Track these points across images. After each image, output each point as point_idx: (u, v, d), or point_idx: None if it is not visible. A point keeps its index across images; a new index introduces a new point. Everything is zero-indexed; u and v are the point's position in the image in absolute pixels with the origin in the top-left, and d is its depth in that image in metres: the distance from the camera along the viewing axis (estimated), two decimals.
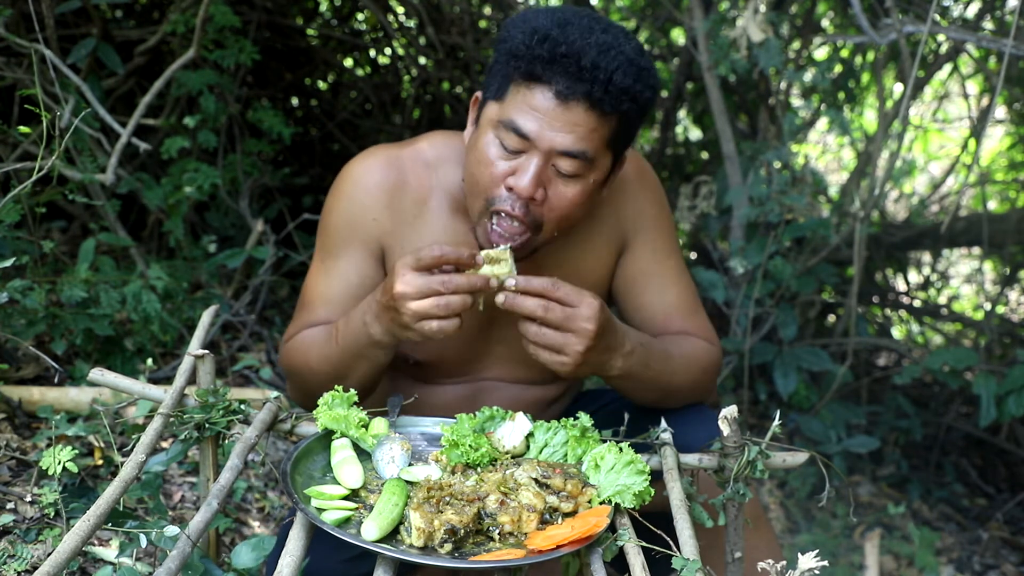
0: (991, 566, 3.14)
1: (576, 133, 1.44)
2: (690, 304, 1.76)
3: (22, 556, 1.63)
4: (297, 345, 1.68)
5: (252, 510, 2.24)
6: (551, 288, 1.43)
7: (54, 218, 3.07)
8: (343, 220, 1.68)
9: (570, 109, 1.43)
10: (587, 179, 1.50)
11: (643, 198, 1.75)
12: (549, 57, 1.42)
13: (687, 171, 4.39)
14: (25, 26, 2.54)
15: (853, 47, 3.75)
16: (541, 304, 1.42)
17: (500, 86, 1.49)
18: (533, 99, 1.44)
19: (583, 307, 1.43)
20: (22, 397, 2.20)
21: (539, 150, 1.46)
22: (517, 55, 1.45)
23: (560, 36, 1.42)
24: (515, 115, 1.46)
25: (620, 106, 1.45)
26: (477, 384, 1.78)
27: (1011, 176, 4.48)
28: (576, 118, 1.44)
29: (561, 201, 1.50)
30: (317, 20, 4.04)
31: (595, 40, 1.42)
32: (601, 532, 1.27)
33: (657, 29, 4.19)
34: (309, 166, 3.93)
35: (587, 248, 1.72)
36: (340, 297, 1.68)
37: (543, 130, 1.44)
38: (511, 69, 1.47)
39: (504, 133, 1.47)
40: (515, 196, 1.48)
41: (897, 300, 4.44)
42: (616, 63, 1.42)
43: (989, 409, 2.86)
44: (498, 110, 1.49)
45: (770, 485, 3.24)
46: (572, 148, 1.45)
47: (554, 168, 1.48)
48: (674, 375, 1.64)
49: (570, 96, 1.42)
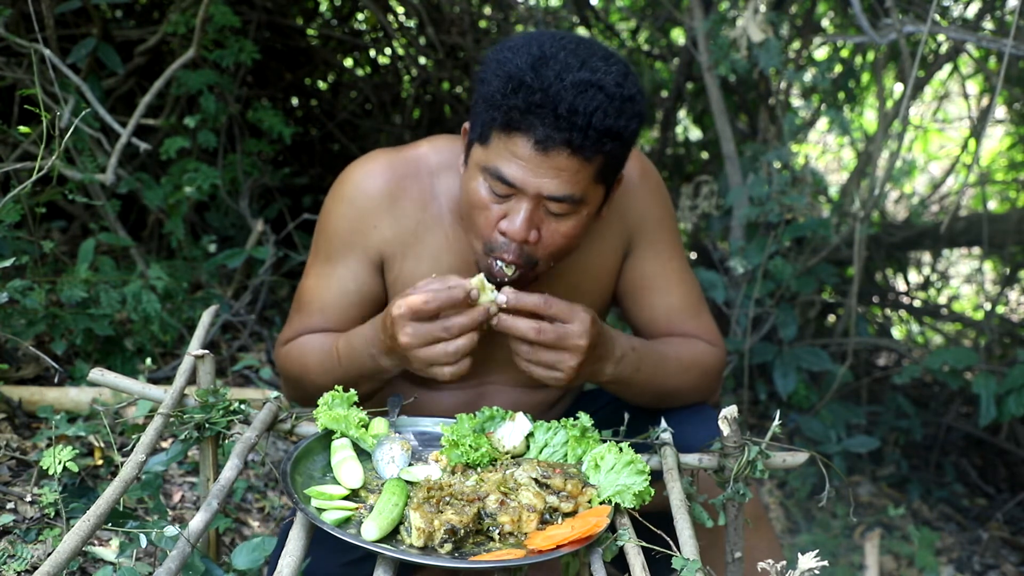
0: (991, 566, 3.14)
1: (560, 178, 1.42)
2: (694, 305, 1.76)
3: (22, 556, 1.63)
4: (295, 352, 1.68)
5: (252, 510, 2.24)
6: (543, 306, 1.41)
7: (54, 218, 3.07)
8: (343, 226, 1.66)
9: (551, 156, 1.40)
10: (580, 214, 1.49)
11: (647, 200, 1.74)
12: (525, 107, 1.38)
13: (687, 171, 4.40)
14: (25, 26, 2.54)
15: (853, 47, 3.75)
16: (533, 327, 1.41)
17: (483, 132, 1.47)
18: (515, 147, 1.42)
19: (575, 324, 1.42)
20: (22, 397, 2.20)
21: (527, 195, 1.44)
22: (494, 105, 1.42)
23: (535, 82, 1.38)
24: (499, 163, 1.44)
25: (603, 148, 1.42)
26: (479, 388, 1.77)
27: (1011, 176, 4.48)
28: (559, 164, 1.41)
29: (555, 237, 1.49)
30: (317, 20, 4.04)
31: (571, 81, 1.37)
32: (601, 532, 1.27)
33: (657, 29, 4.19)
34: (309, 166, 3.93)
35: (593, 251, 1.71)
36: (337, 304, 1.67)
37: (527, 177, 1.42)
38: (491, 118, 1.44)
39: (491, 180, 1.46)
40: (509, 240, 1.47)
41: (897, 300, 4.44)
42: (595, 104, 1.38)
43: (989, 408, 2.85)
44: (483, 155, 1.47)
45: (770, 485, 3.24)
46: (558, 193, 1.43)
47: (545, 208, 1.47)
48: (669, 377, 1.63)
49: (550, 145, 1.39)
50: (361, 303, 1.68)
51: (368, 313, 1.68)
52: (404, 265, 1.65)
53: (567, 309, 1.42)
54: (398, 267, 1.66)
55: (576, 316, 1.42)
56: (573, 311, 1.42)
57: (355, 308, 1.68)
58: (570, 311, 1.42)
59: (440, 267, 1.65)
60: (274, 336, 3.13)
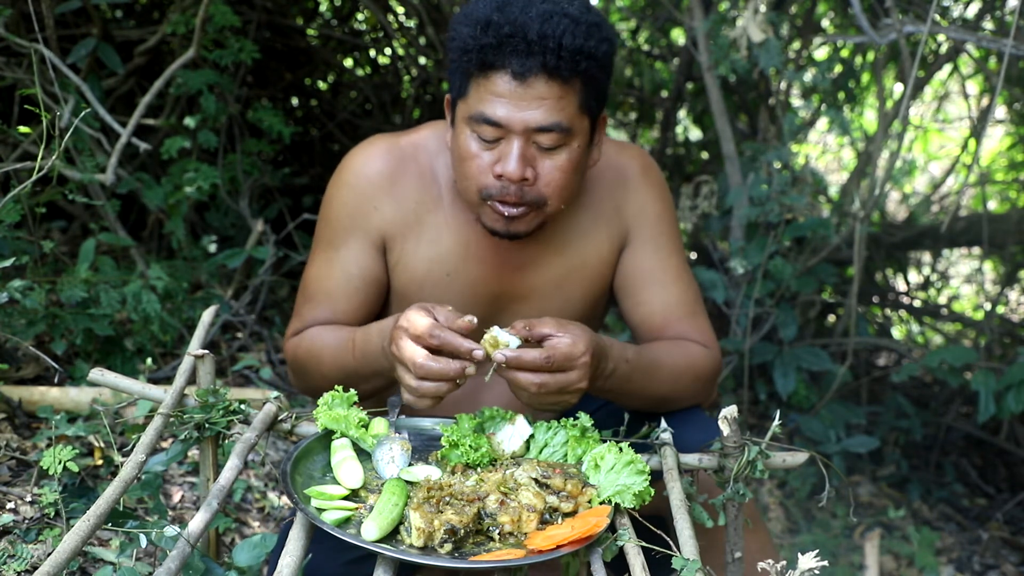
0: (991, 566, 3.14)
1: (545, 107, 1.46)
2: (691, 305, 1.75)
3: (22, 556, 1.63)
4: (305, 343, 1.68)
5: (252, 510, 2.24)
6: (543, 363, 1.38)
7: (54, 218, 3.07)
8: (344, 210, 1.68)
9: (531, 86, 1.45)
10: (571, 146, 1.52)
11: (647, 195, 1.74)
12: (497, 43, 1.44)
13: (687, 171, 4.39)
14: (25, 26, 2.54)
15: (853, 47, 3.74)
16: (535, 382, 1.39)
17: (461, 84, 1.52)
18: (494, 86, 1.46)
19: (575, 372, 1.40)
20: (22, 397, 2.20)
21: (515, 132, 1.47)
22: (467, 50, 1.47)
23: (502, 19, 1.44)
24: (482, 107, 1.48)
25: (578, 67, 1.45)
26: (480, 376, 1.77)
27: (1011, 176, 4.48)
28: (540, 92, 1.45)
29: (553, 174, 1.51)
30: (317, 20, 4.04)
31: (536, 12, 1.44)
32: (601, 532, 1.27)
33: (657, 29, 4.19)
34: (309, 166, 3.93)
35: (587, 240, 1.71)
36: (341, 289, 1.68)
37: (512, 113, 1.46)
38: (466, 65, 1.49)
39: (478, 126, 1.49)
40: (506, 182, 1.50)
41: (897, 300, 4.44)
42: (562, 27, 1.43)
43: (988, 405, 2.85)
44: (466, 107, 1.51)
45: (770, 485, 3.24)
46: (545, 122, 1.47)
47: (536, 145, 1.49)
48: (661, 384, 1.63)
49: (527, 73, 1.44)
50: (364, 287, 1.69)
51: (372, 297, 1.70)
52: (405, 246, 1.67)
53: (565, 359, 1.39)
54: (399, 248, 1.68)
55: (576, 364, 1.40)
56: (571, 359, 1.39)
57: (359, 292, 1.69)
58: (568, 359, 1.39)
59: (440, 247, 1.67)
60: (274, 336, 3.13)
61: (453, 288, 1.68)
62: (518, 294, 1.72)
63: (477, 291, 1.69)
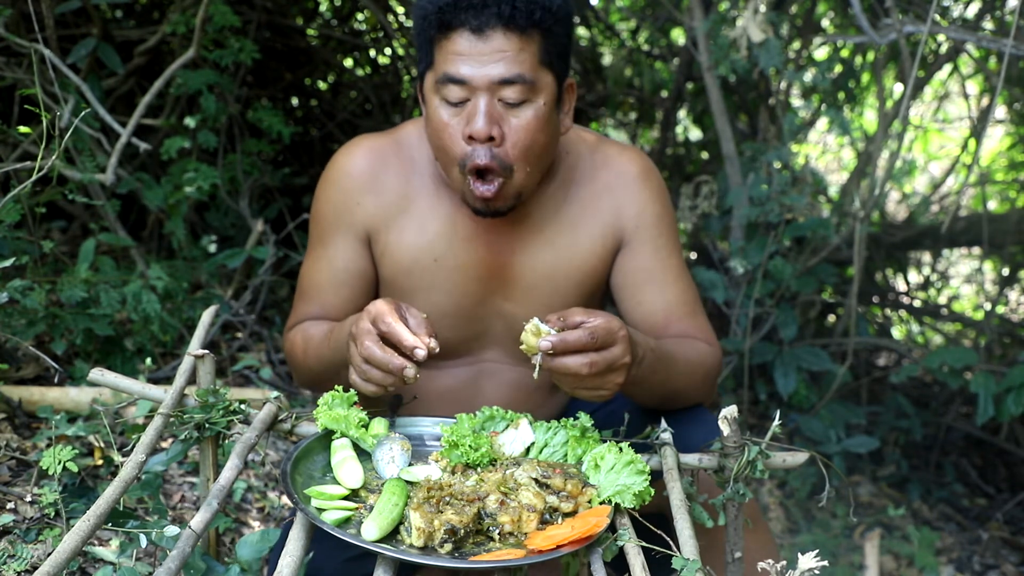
0: (991, 566, 3.14)
1: (505, 59, 1.49)
2: (690, 305, 1.76)
3: (22, 556, 1.63)
4: (295, 338, 1.74)
5: (252, 510, 2.24)
6: (590, 341, 1.38)
7: (54, 218, 3.07)
8: (329, 208, 1.75)
9: (490, 39, 1.49)
10: (536, 103, 1.54)
11: (646, 197, 1.76)
12: (453, 3, 1.48)
13: (687, 171, 4.39)
14: (25, 26, 2.54)
15: (853, 47, 3.74)
16: (586, 363, 1.37)
17: (426, 53, 1.56)
18: (455, 45, 1.50)
19: (618, 345, 1.40)
20: (22, 397, 2.20)
21: (479, 89, 1.51)
22: (427, 16, 1.52)
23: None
24: (446, 67, 1.51)
25: (533, 17, 1.49)
26: (478, 367, 1.78)
27: (1011, 176, 4.48)
28: (498, 45, 1.49)
29: (519, 133, 1.53)
30: (317, 20, 4.04)
31: None
32: (601, 532, 1.27)
33: (657, 29, 4.19)
34: (309, 166, 3.93)
35: (577, 232, 1.73)
36: (329, 284, 1.75)
37: (474, 69, 1.50)
38: (427, 31, 1.54)
39: (444, 88, 1.53)
40: (478, 144, 1.52)
41: (897, 300, 4.44)
42: None
43: (987, 407, 2.85)
44: (433, 75, 1.55)
45: (770, 485, 3.24)
46: (507, 74, 1.50)
47: (502, 103, 1.52)
48: (678, 378, 1.63)
49: (484, 26, 1.48)
50: (350, 280, 1.75)
51: (359, 290, 1.76)
52: (390, 237, 1.72)
53: (606, 332, 1.39)
54: (384, 239, 1.72)
55: (617, 336, 1.40)
56: (612, 332, 1.40)
57: (345, 286, 1.75)
58: (610, 334, 1.39)
59: (425, 234, 1.71)
60: (274, 336, 3.13)
61: (441, 273, 1.71)
62: (506, 279, 1.73)
63: (466, 275, 1.72)
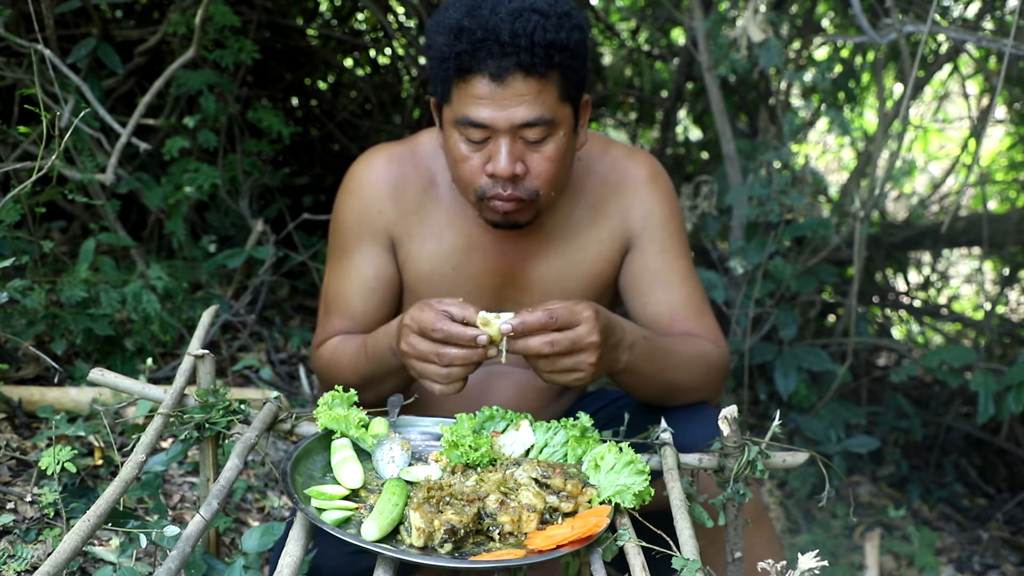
0: (991, 566, 3.14)
1: (526, 103, 1.49)
2: (697, 305, 1.78)
3: (22, 556, 1.63)
4: (327, 355, 1.75)
5: (252, 510, 2.24)
6: (549, 321, 1.40)
7: (54, 218, 3.07)
8: (352, 217, 1.76)
9: (510, 85, 1.48)
10: (557, 136, 1.55)
11: (654, 199, 1.79)
12: (471, 48, 1.46)
13: (687, 171, 4.39)
14: (25, 26, 2.54)
15: (853, 47, 3.74)
16: (546, 341, 1.40)
17: (444, 90, 1.55)
18: (474, 89, 1.49)
19: (583, 324, 1.41)
20: (22, 397, 2.20)
21: (500, 131, 1.51)
22: (444, 58, 1.50)
23: (473, 24, 1.46)
24: (466, 110, 1.51)
25: (552, 61, 1.48)
26: (488, 368, 1.80)
27: (1011, 176, 4.48)
28: (518, 90, 1.48)
29: (543, 165, 1.55)
30: (317, 20, 4.04)
31: (505, 11, 1.46)
32: (601, 532, 1.27)
33: (657, 29, 4.19)
34: (309, 166, 3.93)
35: (587, 235, 1.76)
36: (359, 293, 1.76)
37: (495, 113, 1.49)
38: (445, 71, 1.52)
39: (464, 129, 1.53)
40: (499, 180, 1.53)
41: (897, 300, 4.44)
42: (532, 23, 1.45)
43: (987, 406, 2.85)
44: (450, 112, 1.55)
45: (770, 485, 3.23)
46: (529, 118, 1.50)
47: (523, 140, 1.53)
48: (677, 370, 1.64)
49: (504, 74, 1.47)
50: (380, 287, 1.76)
51: (388, 298, 1.77)
52: (411, 245, 1.75)
53: (569, 313, 1.41)
54: (406, 247, 1.75)
55: (580, 316, 1.42)
56: (575, 313, 1.42)
57: (375, 295, 1.76)
58: (572, 313, 1.41)
59: (444, 243, 1.73)
60: (274, 336, 3.13)
61: (458, 281, 1.75)
62: (521, 285, 1.77)
63: (482, 283, 1.76)
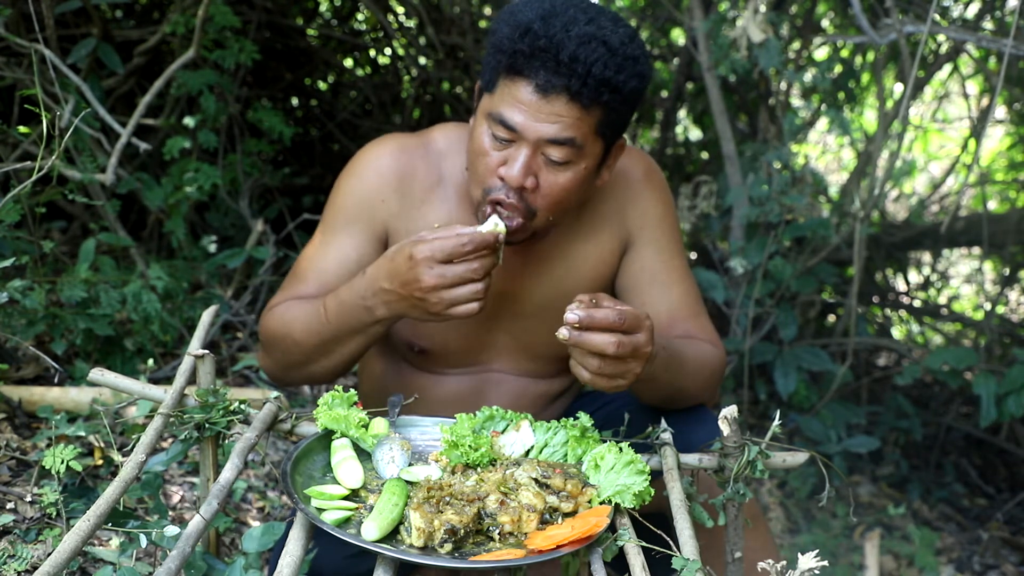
0: (991, 566, 3.14)
1: (561, 123, 1.47)
2: (693, 306, 1.77)
3: (22, 556, 1.63)
4: (280, 315, 1.66)
5: (252, 510, 2.24)
6: (617, 322, 1.35)
7: (54, 218, 3.07)
8: (352, 198, 1.71)
9: (552, 102, 1.46)
10: (578, 166, 1.52)
11: (649, 198, 1.77)
12: (530, 52, 1.44)
13: (687, 171, 4.40)
14: (25, 26, 2.54)
15: (853, 47, 3.74)
16: (613, 342, 1.35)
17: (490, 79, 1.53)
18: (517, 92, 1.47)
19: (643, 333, 1.38)
20: (22, 397, 2.20)
21: (527, 140, 1.49)
22: (502, 49, 1.48)
23: (541, 30, 1.44)
24: (502, 108, 1.49)
25: (600, 97, 1.46)
26: (483, 376, 1.79)
27: (1011, 176, 4.48)
28: (558, 109, 1.46)
29: (552, 188, 1.53)
30: (317, 20, 4.04)
31: (576, 32, 1.43)
32: (601, 532, 1.27)
33: (657, 29, 4.19)
34: (309, 166, 3.93)
35: (591, 243, 1.74)
36: (334, 271, 1.68)
37: (528, 122, 1.47)
38: (497, 63, 1.50)
39: (494, 125, 1.51)
40: (507, 186, 1.51)
41: (897, 300, 4.44)
42: (596, 55, 1.43)
43: (989, 409, 2.85)
44: (489, 102, 1.53)
45: (770, 485, 3.23)
46: (558, 136, 1.48)
47: (544, 156, 1.51)
48: (687, 377, 1.63)
49: (550, 90, 1.45)
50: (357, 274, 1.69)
51: None
52: None
53: (635, 319, 1.37)
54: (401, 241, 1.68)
55: (644, 324, 1.39)
56: (640, 320, 1.38)
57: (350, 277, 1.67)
58: (638, 320, 1.38)
59: None
60: None
61: None
62: (518, 295, 1.74)
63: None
